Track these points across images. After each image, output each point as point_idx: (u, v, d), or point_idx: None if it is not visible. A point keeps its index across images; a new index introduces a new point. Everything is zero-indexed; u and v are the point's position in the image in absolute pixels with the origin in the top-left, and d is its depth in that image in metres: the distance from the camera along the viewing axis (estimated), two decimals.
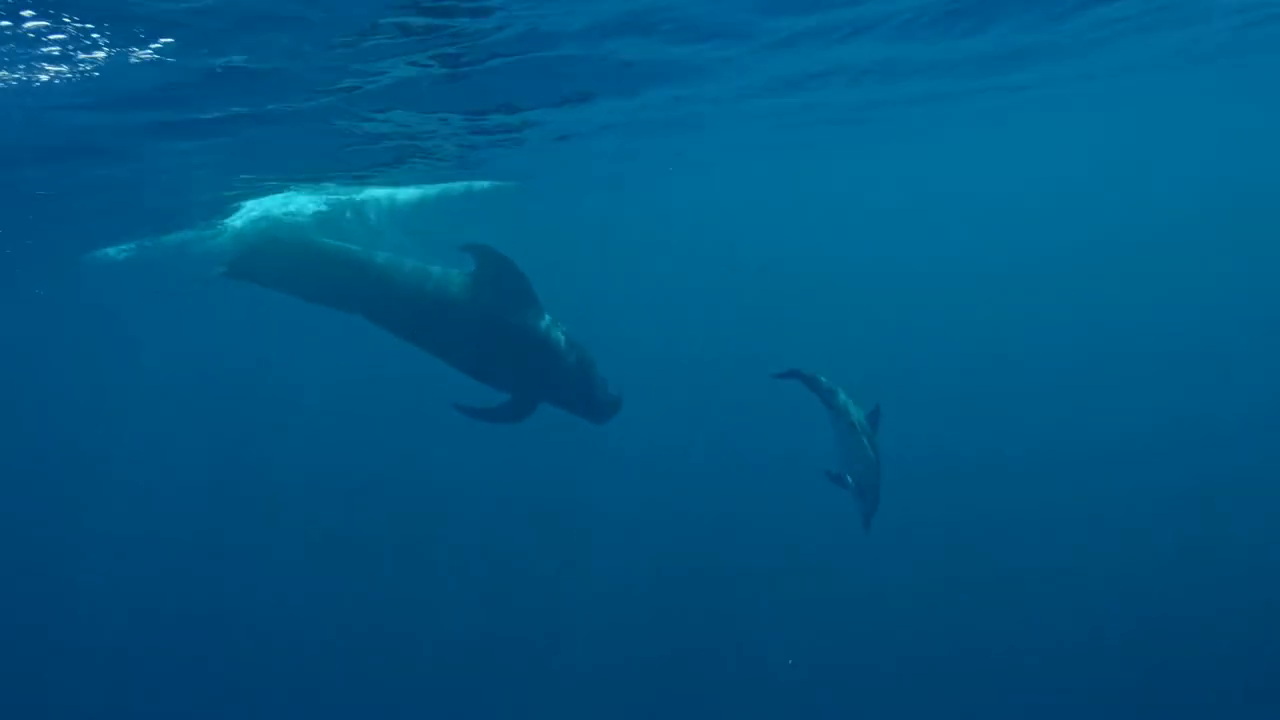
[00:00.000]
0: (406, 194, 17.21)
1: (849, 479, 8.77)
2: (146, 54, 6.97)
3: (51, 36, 6.49)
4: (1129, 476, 21.34)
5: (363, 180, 15.55)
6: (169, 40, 6.77)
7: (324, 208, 16.72)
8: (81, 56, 6.88)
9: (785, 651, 16.99)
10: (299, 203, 16.31)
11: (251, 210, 16.34)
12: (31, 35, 6.41)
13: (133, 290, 23.07)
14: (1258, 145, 36.32)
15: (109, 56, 6.89)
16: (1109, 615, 16.93)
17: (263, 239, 9.81)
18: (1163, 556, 17.87)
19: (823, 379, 8.92)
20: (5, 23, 6.17)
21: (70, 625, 19.94)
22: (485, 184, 18.29)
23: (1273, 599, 16.00)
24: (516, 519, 22.64)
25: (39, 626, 20.08)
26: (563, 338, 8.79)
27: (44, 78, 7.38)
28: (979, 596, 17.92)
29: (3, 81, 7.36)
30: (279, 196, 15.98)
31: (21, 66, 7.02)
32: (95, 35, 6.50)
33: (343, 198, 16.46)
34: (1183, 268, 38.65)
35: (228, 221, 16.73)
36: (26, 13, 6.06)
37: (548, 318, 8.81)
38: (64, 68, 7.10)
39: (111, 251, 18.63)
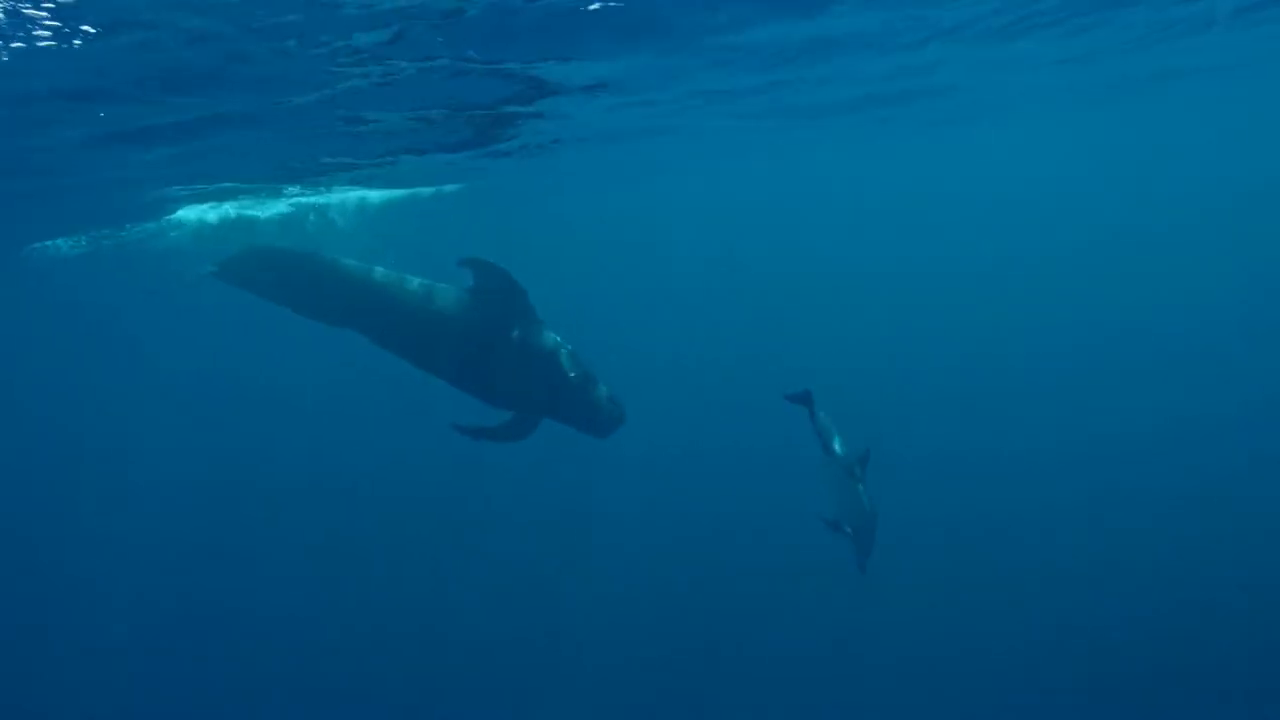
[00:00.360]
0: (373, 196, 17.00)
1: (846, 528, 8.93)
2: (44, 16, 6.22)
3: None
4: (1129, 476, 21.33)
5: (324, 183, 15.32)
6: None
7: (286, 209, 16.52)
8: None
9: (785, 651, 17.00)
10: (259, 205, 16.15)
11: (206, 211, 16.18)
12: None
13: (111, 288, 22.95)
14: (1258, 144, 36.32)
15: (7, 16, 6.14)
16: (1109, 615, 16.93)
17: (255, 245, 9.63)
18: (1163, 556, 17.86)
19: (835, 435, 8.99)
20: None
21: (70, 625, 19.94)
22: (453, 187, 18.11)
23: (1273, 599, 15.98)
24: (517, 520, 22.60)
25: (39, 626, 20.08)
26: (564, 353, 8.62)
27: None
28: (979, 596, 17.90)
29: None
30: (231, 203, 15.82)
31: None
32: None
33: (306, 200, 16.24)
34: (1183, 267, 38.66)
35: (183, 216, 16.51)
36: None
37: (549, 333, 8.68)
38: None
39: (62, 245, 18.29)
